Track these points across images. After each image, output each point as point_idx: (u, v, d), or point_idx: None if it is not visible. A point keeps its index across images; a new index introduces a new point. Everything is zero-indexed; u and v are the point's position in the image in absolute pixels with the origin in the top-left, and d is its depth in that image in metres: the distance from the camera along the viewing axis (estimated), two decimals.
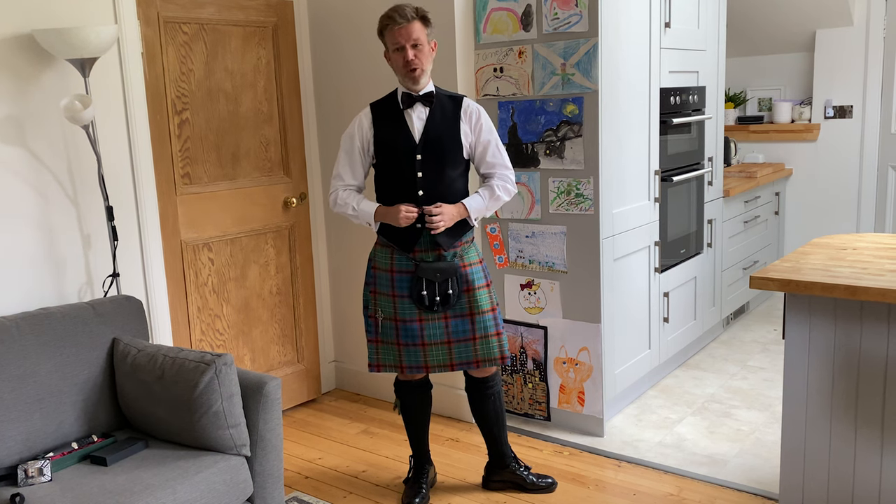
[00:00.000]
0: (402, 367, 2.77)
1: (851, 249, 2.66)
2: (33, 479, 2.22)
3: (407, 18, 2.54)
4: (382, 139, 2.69)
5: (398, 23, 2.55)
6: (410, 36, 2.56)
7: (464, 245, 2.74)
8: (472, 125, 2.70)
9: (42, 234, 2.78)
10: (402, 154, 2.66)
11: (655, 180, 3.65)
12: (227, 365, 2.38)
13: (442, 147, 2.65)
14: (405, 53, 2.57)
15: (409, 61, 2.57)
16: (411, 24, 2.55)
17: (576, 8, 3.10)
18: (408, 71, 2.59)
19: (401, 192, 2.67)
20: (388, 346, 2.77)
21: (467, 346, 2.73)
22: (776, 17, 5.19)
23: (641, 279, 3.62)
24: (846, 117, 5.13)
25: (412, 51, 2.57)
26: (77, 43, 2.58)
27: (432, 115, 2.66)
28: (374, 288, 2.77)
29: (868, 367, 2.31)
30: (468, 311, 2.71)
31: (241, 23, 3.45)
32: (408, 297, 2.71)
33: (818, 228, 5.33)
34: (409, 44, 2.56)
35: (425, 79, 2.64)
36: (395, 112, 2.69)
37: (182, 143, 3.28)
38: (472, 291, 2.71)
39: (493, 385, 2.86)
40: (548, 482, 2.94)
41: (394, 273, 2.73)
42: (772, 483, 2.90)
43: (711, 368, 4.13)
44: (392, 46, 2.60)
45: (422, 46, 2.58)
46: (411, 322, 2.72)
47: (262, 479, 2.46)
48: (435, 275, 2.67)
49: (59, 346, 2.47)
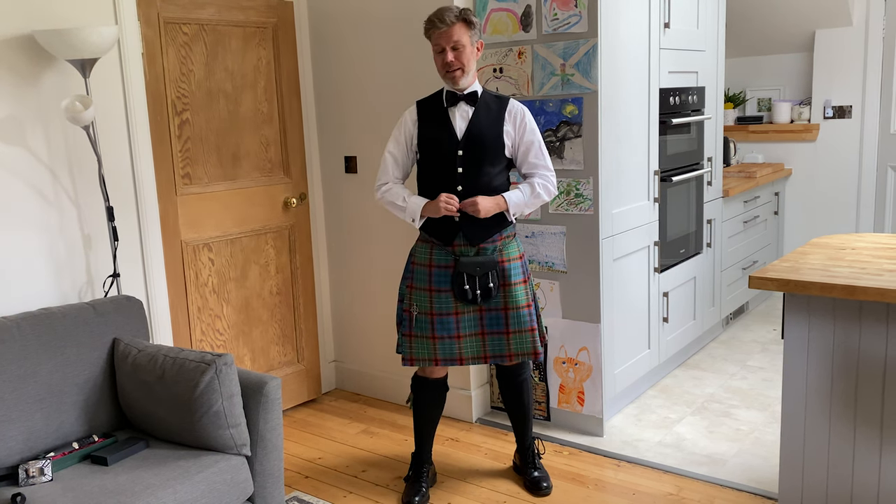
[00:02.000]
0: (436, 359, 2.80)
1: (850, 249, 2.66)
2: (34, 478, 2.23)
3: (447, 23, 2.62)
4: (426, 135, 2.77)
5: (438, 27, 2.63)
6: (451, 39, 2.63)
7: (504, 240, 2.78)
8: (516, 125, 2.75)
9: (43, 235, 2.78)
10: (444, 150, 2.73)
11: (655, 180, 3.66)
12: (227, 365, 2.38)
13: (483, 144, 2.71)
14: (445, 56, 2.65)
15: (447, 63, 2.65)
16: (451, 28, 2.63)
17: (575, 8, 3.11)
18: (446, 72, 2.68)
19: (441, 187, 2.74)
20: (423, 339, 2.79)
21: (501, 340, 2.79)
22: (775, 18, 5.19)
23: (641, 279, 3.62)
24: (845, 117, 5.14)
25: (452, 53, 2.64)
26: (77, 43, 2.59)
27: (476, 113, 2.72)
28: (412, 283, 2.81)
29: (867, 367, 2.32)
30: (503, 305, 2.76)
31: (242, 23, 3.46)
32: (445, 290, 2.75)
33: (817, 228, 5.34)
34: (448, 46, 2.64)
35: (467, 79, 2.70)
36: (439, 110, 2.76)
37: (182, 144, 3.28)
38: (509, 287, 2.76)
39: (522, 373, 2.94)
40: (541, 490, 2.94)
41: (432, 268, 2.77)
42: (771, 482, 2.90)
43: (711, 368, 4.14)
44: (434, 49, 2.69)
45: (462, 48, 2.65)
46: (447, 315, 2.76)
47: (263, 479, 2.47)
48: (475, 269, 2.72)
49: (59, 346, 2.47)
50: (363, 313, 3.94)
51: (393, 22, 3.53)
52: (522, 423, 3.01)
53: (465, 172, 2.71)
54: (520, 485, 3.02)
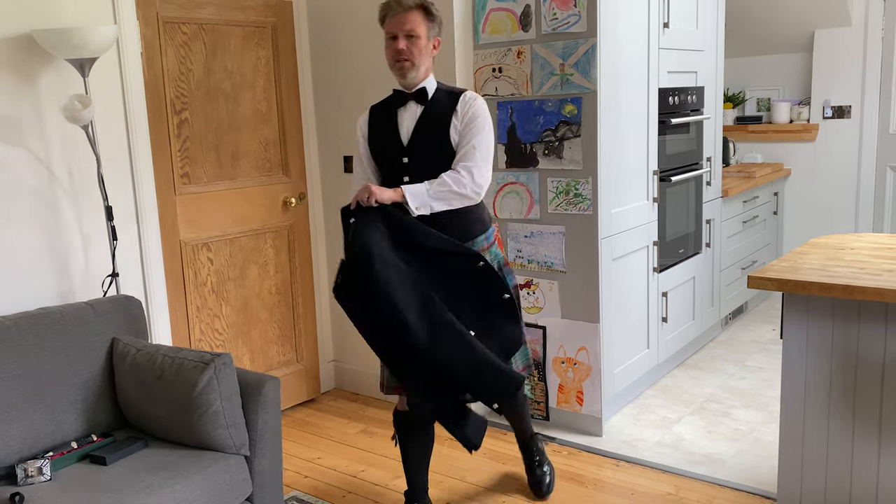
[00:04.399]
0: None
1: (849, 249, 2.66)
2: (33, 478, 2.22)
3: (404, 7, 2.37)
4: (374, 143, 2.55)
5: (394, 10, 2.38)
6: (404, 25, 2.37)
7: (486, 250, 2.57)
8: (463, 121, 2.44)
9: (41, 234, 2.78)
10: (390, 158, 2.50)
11: (654, 180, 3.66)
12: (226, 365, 2.38)
13: (432, 149, 2.45)
14: (396, 43, 2.39)
15: (398, 50, 2.38)
16: (408, 14, 2.37)
17: (574, 8, 3.11)
18: (395, 62, 2.41)
19: None
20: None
21: None
22: (774, 18, 5.20)
23: (640, 279, 3.62)
24: (844, 117, 5.14)
25: (404, 41, 2.38)
26: (76, 43, 2.59)
27: (424, 114, 2.47)
28: None
29: (865, 367, 2.32)
30: None
31: (241, 23, 3.46)
32: None
33: (816, 228, 5.34)
34: (402, 33, 2.38)
35: (417, 75, 2.44)
36: (389, 113, 2.53)
37: (181, 143, 3.28)
38: None
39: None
40: (542, 489, 2.92)
41: None
42: (770, 482, 2.90)
43: (710, 368, 4.14)
44: (386, 35, 2.43)
45: (417, 39, 2.39)
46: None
47: (262, 479, 2.47)
48: None
49: (58, 345, 2.47)
50: None
51: None
52: (517, 420, 2.92)
53: (413, 182, 2.42)
54: (519, 483, 3.02)
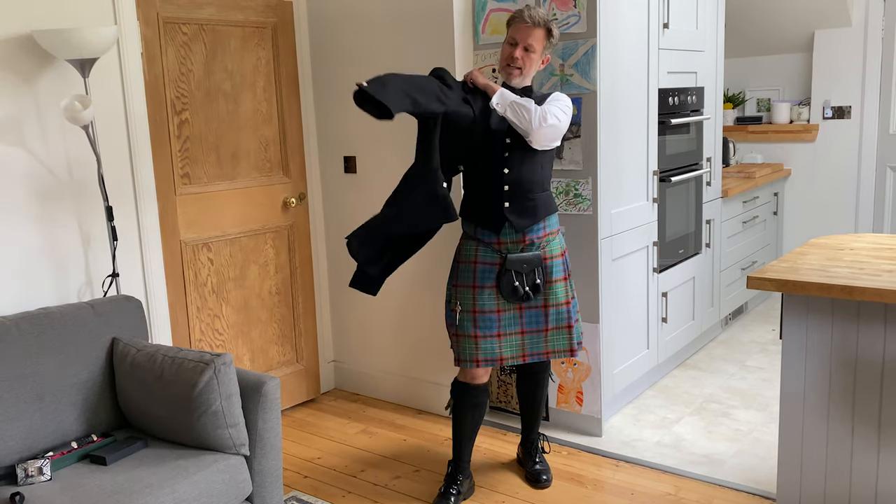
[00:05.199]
0: (476, 360, 2.76)
1: (849, 250, 2.67)
2: (33, 478, 2.23)
3: (533, 22, 2.62)
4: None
5: (524, 21, 2.63)
6: (527, 38, 2.63)
7: (548, 236, 2.76)
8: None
9: (42, 234, 2.78)
10: (486, 142, 2.69)
11: (654, 181, 3.66)
12: (226, 365, 2.38)
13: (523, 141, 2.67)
14: (514, 50, 2.65)
15: (513, 57, 2.65)
16: (534, 30, 2.63)
17: (574, 9, 3.11)
18: (507, 65, 2.67)
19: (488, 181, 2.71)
20: (466, 338, 2.77)
21: (539, 338, 2.79)
22: (774, 18, 5.20)
23: (640, 279, 3.63)
24: (844, 118, 5.14)
25: (521, 51, 2.64)
26: (77, 43, 2.59)
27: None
28: (457, 281, 2.79)
29: (865, 367, 2.32)
30: (542, 302, 2.76)
31: (241, 23, 3.46)
32: (489, 287, 2.73)
33: (816, 229, 5.34)
34: (523, 43, 2.63)
35: (520, 81, 2.69)
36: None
37: (181, 144, 3.29)
38: (551, 284, 2.76)
39: (544, 370, 2.99)
40: (540, 482, 2.98)
41: (476, 265, 2.75)
42: (769, 482, 2.90)
43: (710, 368, 4.14)
44: (508, 40, 2.67)
45: (532, 53, 2.65)
46: (490, 313, 2.74)
47: (261, 479, 2.47)
48: (522, 266, 2.70)
49: (58, 345, 2.47)
50: (362, 313, 3.94)
51: (392, 22, 3.53)
52: (532, 417, 3.06)
53: (511, 174, 2.69)
54: (519, 483, 3.03)
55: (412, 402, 3.82)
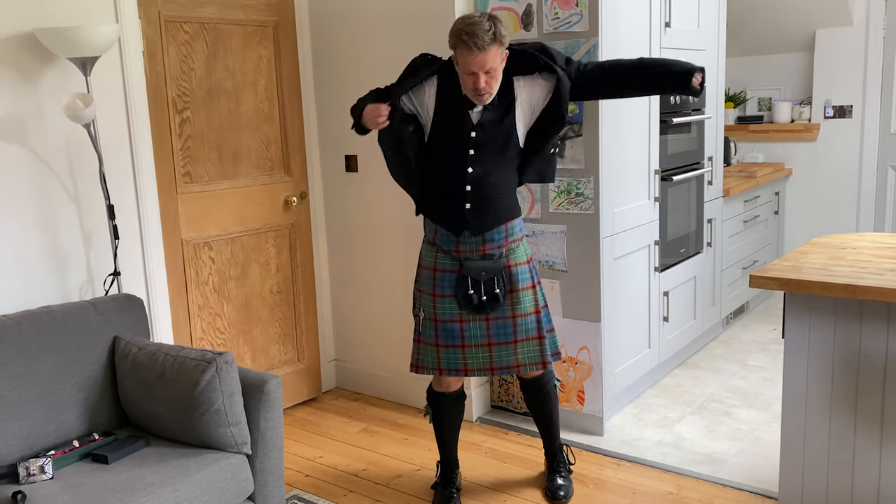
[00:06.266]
0: (440, 369, 2.70)
1: (851, 249, 2.66)
2: (35, 476, 2.23)
3: (482, 48, 2.38)
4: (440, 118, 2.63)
5: (472, 52, 2.40)
6: (484, 65, 2.42)
7: (511, 244, 2.65)
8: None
9: (44, 233, 2.78)
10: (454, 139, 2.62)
11: (655, 180, 3.66)
12: (228, 363, 2.38)
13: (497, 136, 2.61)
14: (476, 80, 2.45)
15: (478, 88, 2.47)
16: (487, 54, 2.40)
17: (576, 7, 3.11)
18: (475, 94, 2.50)
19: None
20: (428, 346, 2.70)
21: (508, 350, 2.67)
22: (776, 17, 5.20)
23: (641, 278, 3.63)
24: (846, 117, 5.14)
25: (484, 77, 2.45)
26: (79, 42, 2.59)
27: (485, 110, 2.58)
28: (420, 287, 2.72)
29: (867, 366, 2.32)
30: (510, 313, 2.64)
31: (242, 22, 3.46)
32: (449, 296, 2.63)
33: (818, 228, 5.34)
34: (481, 71, 2.43)
35: (491, 97, 2.54)
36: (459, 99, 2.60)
37: (183, 142, 3.28)
38: (516, 293, 2.64)
39: (544, 384, 2.84)
40: (556, 499, 2.89)
41: (436, 272, 2.66)
42: (771, 482, 2.90)
43: (711, 368, 4.14)
44: (463, 70, 2.47)
45: (494, 72, 2.46)
46: (451, 322, 2.65)
47: (263, 477, 2.47)
48: (480, 273, 2.60)
49: (60, 344, 2.47)
50: (363, 312, 3.94)
51: (393, 20, 3.53)
52: (547, 430, 2.95)
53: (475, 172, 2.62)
54: (519, 484, 3.02)
55: (413, 402, 3.82)
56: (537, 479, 3.05)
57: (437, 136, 2.64)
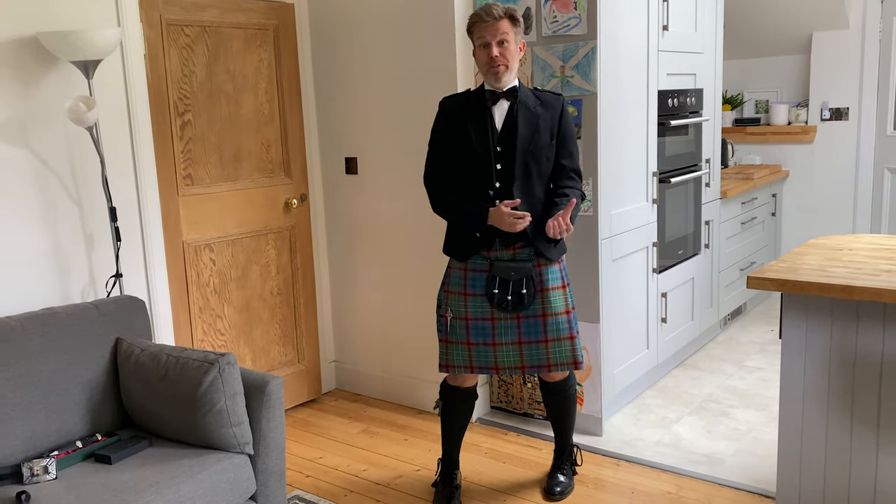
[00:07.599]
0: (471, 367, 2.73)
1: (847, 250, 2.68)
2: (38, 477, 2.24)
3: (494, 17, 2.56)
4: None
5: (486, 20, 2.57)
6: (497, 33, 2.57)
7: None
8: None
9: (46, 235, 2.80)
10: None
11: (653, 182, 3.68)
12: (230, 364, 2.40)
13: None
14: (490, 50, 2.57)
15: (493, 58, 2.57)
16: (499, 22, 2.56)
17: (575, 11, 3.13)
18: (490, 66, 2.59)
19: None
20: (458, 345, 2.72)
21: (539, 349, 2.70)
22: (773, 20, 5.22)
23: (640, 280, 3.65)
24: (842, 119, 5.17)
25: (497, 48, 2.57)
26: (81, 45, 2.61)
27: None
28: (448, 287, 2.74)
29: (864, 366, 2.34)
30: (541, 312, 2.68)
31: (243, 25, 3.47)
32: (480, 295, 2.67)
33: (815, 229, 5.37)
34: (494, 40, 2.57)
35: (509, 76, 2.62)
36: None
37: (184, 145, 3.30)
38: (547, 292, 2.68)
39: (567, 388, 2.87)
40: (552, 494, 2.92)
41: (467, 271, 2.70)
42: (769, 481, 2.92)
43: (709, 368, 4.16)
44: (478, 42, 2.61)
45: (508, 44, 2.58)
46: (483, 321, 2.69)
47: (265, 478, 2.48)
48: (510, 273, 2.63)
49: (63, 345, 2.49)
50: (363, 314, 3.96)
51: (393, 24, 3.54)
52: (563, 432, 2.98)
53: (503, 181, 2.64)
54: (518, 484, 3.04)
55: (413, 403, 3.84)
56: (537, 480, 3.06)
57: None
